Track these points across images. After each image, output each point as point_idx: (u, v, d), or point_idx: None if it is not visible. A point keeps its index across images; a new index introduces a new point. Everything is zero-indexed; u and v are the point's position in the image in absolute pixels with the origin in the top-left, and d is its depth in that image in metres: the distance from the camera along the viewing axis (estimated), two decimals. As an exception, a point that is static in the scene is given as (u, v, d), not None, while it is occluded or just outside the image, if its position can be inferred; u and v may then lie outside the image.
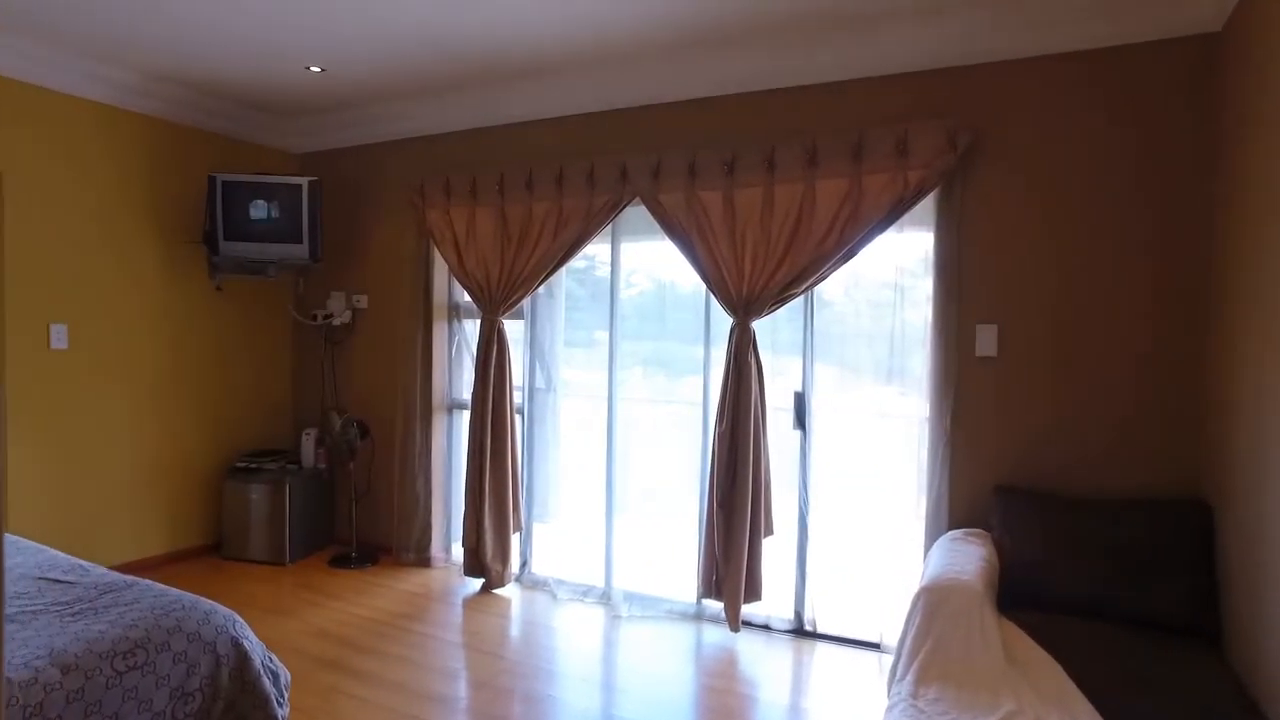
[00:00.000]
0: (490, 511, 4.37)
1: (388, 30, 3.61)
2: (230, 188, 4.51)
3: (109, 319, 4.42)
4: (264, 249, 4.56)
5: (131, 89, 4.35)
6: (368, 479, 5.04)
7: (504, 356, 4.38)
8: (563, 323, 4.50)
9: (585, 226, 4.08)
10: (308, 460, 5.06)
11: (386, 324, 4.97)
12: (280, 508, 4.74)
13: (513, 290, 4.31)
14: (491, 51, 3.84)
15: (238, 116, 4.88)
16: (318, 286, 5.24)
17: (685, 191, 3.79)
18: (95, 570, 2.59)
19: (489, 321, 4.38)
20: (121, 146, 4.42)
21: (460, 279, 4.50)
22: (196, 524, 4.91)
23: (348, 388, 5.16)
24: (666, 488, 4.19)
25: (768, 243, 3.60)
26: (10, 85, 3.98)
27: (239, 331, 5.09)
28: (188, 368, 4.81)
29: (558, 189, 4.16)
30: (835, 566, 3.74)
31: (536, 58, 3.91)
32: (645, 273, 4.21)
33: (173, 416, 4.75)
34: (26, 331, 4.10)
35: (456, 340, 4.86)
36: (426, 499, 4.76)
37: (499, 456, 4.36)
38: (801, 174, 3.53)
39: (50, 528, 4.21)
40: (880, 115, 3.45)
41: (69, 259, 4.24)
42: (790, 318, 3.76)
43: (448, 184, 4.50)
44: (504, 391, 4.36)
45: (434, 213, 4.56)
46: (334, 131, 5.09)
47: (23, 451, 4.10)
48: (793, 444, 3.77)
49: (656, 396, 4.20)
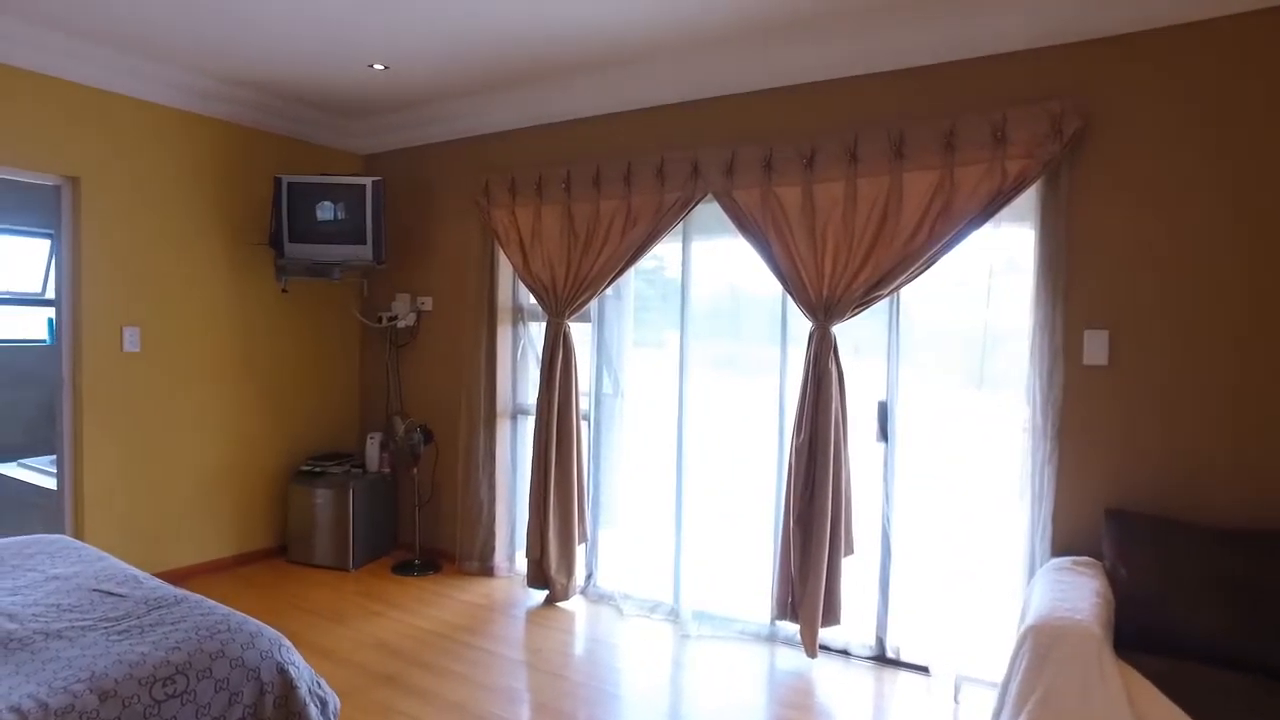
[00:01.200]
0: (555, 522, 4.22)
1: (453, 26, 3.49)
2: (295, 189, 4.46)
3: (179, 322, 4.41)
4: (328, 250, 4.50)
5: (200, 93, 4.34)
6: (431, 485, 4.95)
7: (570, 361, 4.22)
8: (631, 326, 4.32)
9: (655, 225, 3.89)
10: (372, 464, 4.99)
11: (451, 327, 4.87)
12: (344, 512, 4.68)
13: (579, 292, 4.14)
14: (560, 44, 3.68)
15: (303, 118, 4.84)
16: (382, 289, 5.18)
17: (761, 187, 3.57)
18: (149, 582, 2.51)
19: (554, 324, 4.22)
20: (190, 150, 4.41)
21: (525, 280, 4.36)
22: (263, 527, 4.89)
23: (412, 391, 5.08)
24: (738, 500, 3.97)
25: (850, 241, 3.36)
26: (87, 92, 3.99)
27: (305, 334, 5.06)
28: (255, 370, 4.79)
29: (626, 186, 3.98)
30: (921, 590, 3.46)
31: (606, 49, 3.74)
32: (718, 273, 3.99)
33: (240, 419, 4.74)
34: (101, 335, 4.11)
35: (521, 344, 4.73)
36: (490, 507, 4.63)
37: (564, 465, 4.20)
38: (887, 166, 3.27)
39: (123, 530, 4.22)
40: (975, 101, 3.17)
41: (141, 262, 4.25)
42: (873, 321, 3.50)
43: (513, 182, 4.37)
44: (569, 397, 4.20)
45: (499, 212, 4.44)
46: (398, 131, 5.01)
47: (97, 454, 4.11)
48: (875, 456, 3.51)
49: (728, 404, 3.98)
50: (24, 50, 3.73)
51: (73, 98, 3.95)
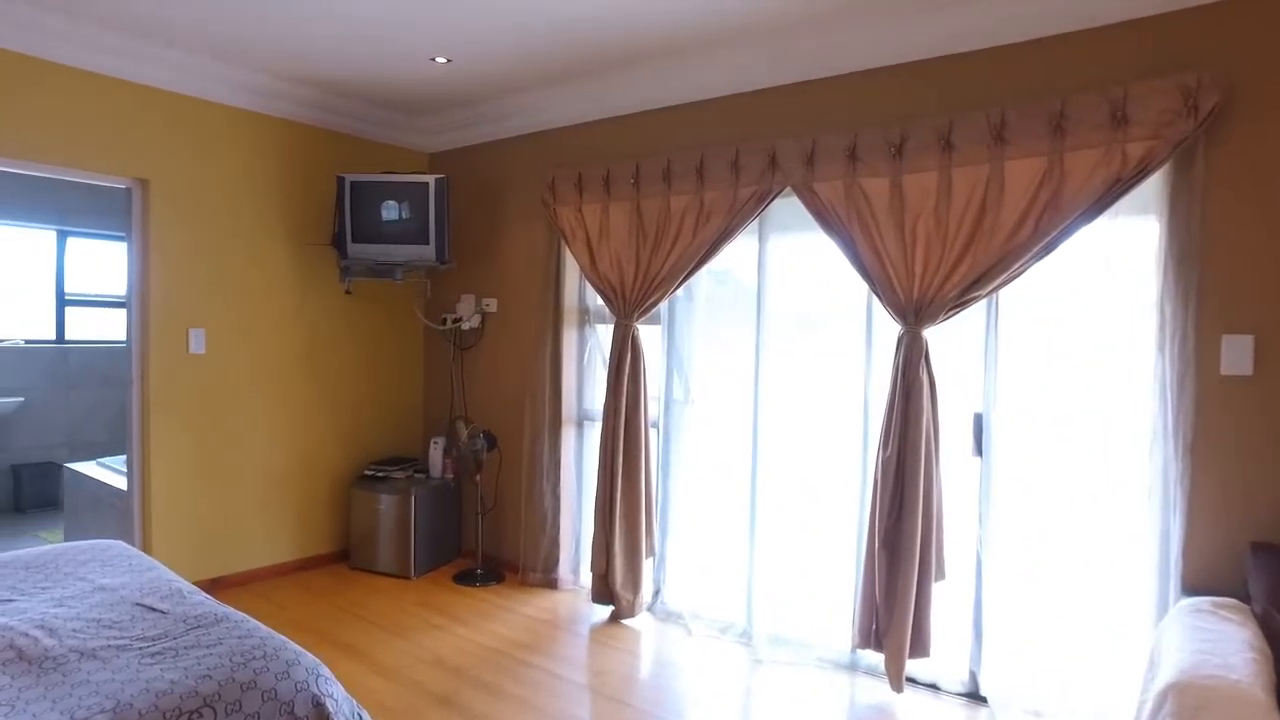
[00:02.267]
0: (621, 534, 4.01)
1: (516, 15, 3.31)
2: (358, 188, 4.36)
3: (243, 323, 4.36)
4: (391, 251, 4.39)
5: (263, 92, 4.28)
6: (495, 492, 4.80)
7: (638, 365, 4.00)
8: (703, 328, 4.08)
9: (729, 221, 3.65)
10: (435, 470, 4.87)
11: (515, 329, 4.71)
12: (406, 519, 4.56)
13: (648, 293, 3.92)
14: (629, 31, 3.47)
15: (367, 116, 4.75)
16: (446, 290, 5.05)
17: (844, 179, 3.29)
18: (192, 597, 2.39)
19: (622, 327, 4.01)
20: (254, 150, 4.36)
21: (592, 281, 4.17)
22: (325, 531, 4.82)
23: (475, 395, 4.94)
24: (817, 516, 3.68)
25: (944, 237, 3.05)
26: (153, 94, 3.96)
27: (369, 336, 4.97)
28: (318, 372, 4.72)
29: (698, 180, 3.74)
30: (1020, 623, 3.12)
31: (678, 35, 3.51)
32: (796, 273, 3.72)
33: (303, 422, 4.67)
34: (167, 336, 4.08)
35: (588, 347, 4.54)
36: (554, 517, 4.45)
37: (631, 474, 3.99)
38: (986, 154, 2.95)
39: (187, 532, 4.18)
40: (1089, 77, 2.83)
41: (207, 264, 4.21)
42: (968, 325, 3.18)
43: (580, 179, 4.18)
44: (638, 403, 3.98)
45: (565, 210, 4.25)
46: (463, 129, 4.88)
47: (163, 456, 4.08)
48: (969, 473, 3.19)
49: (807, 413, 3.70)
50: (94, 54, 3.71)
51: (140, 100, 3.93)
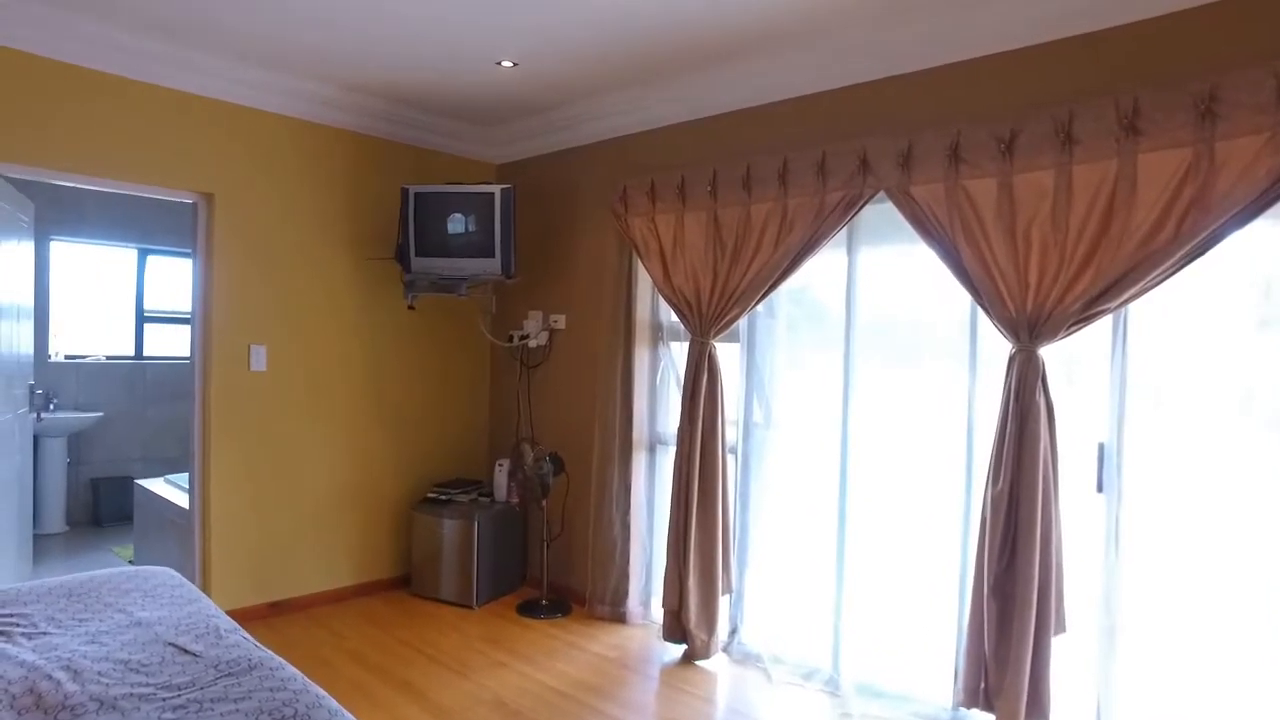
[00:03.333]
0: (696, 568, 3.71)
1: (586, 14, 3.11)
2: (422, 200, 4.21)
3: (304, 340, 4.25)
4: (456, 264, 4.22)
5: (325, 101, 4.17)
6: (561, 519, 4.56)
7: (715, 386, 3.72)
8: (786, 347, 3.78)
9: (815, 230, 3.35)
10: (500, 494, 4.67)
11: (584, 347, 4.48)
12: (469, 545, 4.35)
13: (726, 308, 3.65)
14: (706, 28, 3.23)
15: (432, 126, 4.61)
16: (513, 305, 4.87)
17: (945, 181, 2.96)
18: (230, 637, 2.20)
19: (698, 345, 3.74)
20: (316, 162, 4.26)
21: (666, 295, 3.91)
22: (386, 555, 4.65)
23: (542, 416, 4.73)
24: (914, 554, 3.33)
25: (1063, 243, 2.70)
26: (217, 107, 3.90)
27: (433, 353, 4.81)
28: (381, 390, 4.58)
29: (781, 186, 3.46)
30: (1157, 687, 2.71)
31: (759, 30, 3.25)
32: (890, 287, 3.39)
33: (365, 441, 4.53)
34: (229, 353, 3.99)
35: (661, 366, 4.27)
36: (623, 546, 4.19)
37: (708, 504, 3.70)
38: (1114, 147, 2.59)
39: (245, 554, 4.07)
40: (1245, 51, 2.45)
41: (269, 279, 4.11)
42: (1090, 341, 2.81)
43: (653, 187, 3.94)
44: (715, 427, 3.70)
45: (637, 220, 4.02)
46: (531, 138, 4.71)
47: (223, 475, 3.98)
48: (1094, 512, 2.80)
49: (902, 439, 3.36)
50: (158, 67, 3.67)
51: (204, 113, 3.86)
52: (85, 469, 6.19)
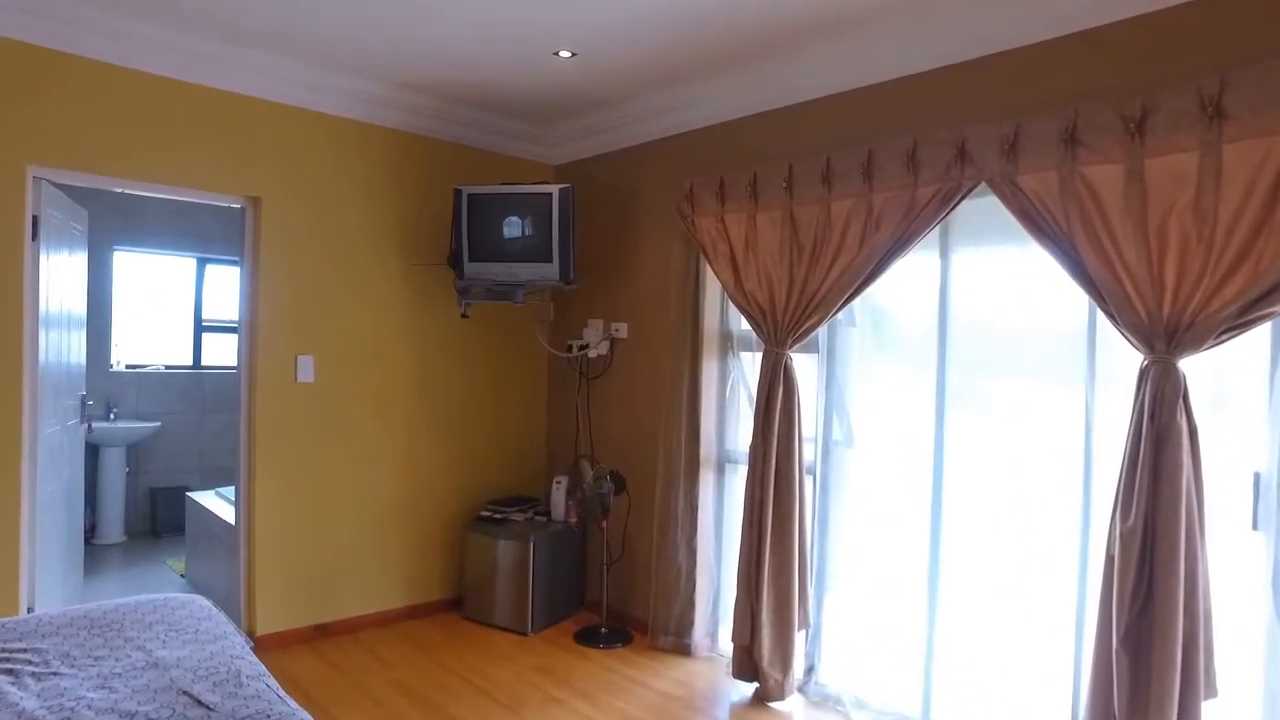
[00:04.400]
0: (770, 600, 3.38)
1: (649, -18, 2.84)
2: (476, 201, 3.97)
3: (354, 350, 4.05)
4: (511, 270, 3.97)
5: (374, 100, 3.98)
6: (622, 541, 4.26)
7: (791, 400, 3.39)
8: (870, 358, 3.43)
9: (905, 228, 3.00)
10: (557, 513, 4.39)
11: (648, 357, 4.19)
12: (524, 566, 4.09)
13: (804, 315, 3.32)
14: (782, 6, 2.92)
15: (486, 125, 4.38)
16: (572, 313, 4.60)
17: (1059, 169, 2.59)
18: (250, 685, 1.96)
19: (773, 355, 3.42)
20: (364, 163, 4.06)
21: (737, 302, 3.60)
22: (438, 576, 4.42)
23: (603, 431, 4.45)
24: (1019, 590, 2.94)
25: (1210, 237, 2.30)
26: (261, 106, 3.74)
27: (487, 364, 4.57)
28: (432, 403, 4.36)
29: (865, 180, 3.12)
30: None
31: (843, 6, 2.93)
32: (991, 290, 3.02)
33: (416, 456, 4.31)
34: (275, 363, 3.81)
35: (730, 378, 3.95)
36: (689, 573, 3.87)
37: (783, 529, 3.36)
38: (1276, 121, 2.19)
39: (289, 572, 3.88)
40: None
41: (316, 286, 3.93)
42: (1242, 353, 2.41)
43: (721, 185, 3.63)
44: (791, 445, 3.36)
45: (705, 221, 3.71)
46: (590, 136, 4.45)
47: (268, 490, 3.81)
48: (1249, 553, 2.39)
49: (1005, 463, 2.98)
50: (206, 66, 3.53)
51: (252, 114, 3.71)
52: (144, 479, 6.14)
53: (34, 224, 3.38)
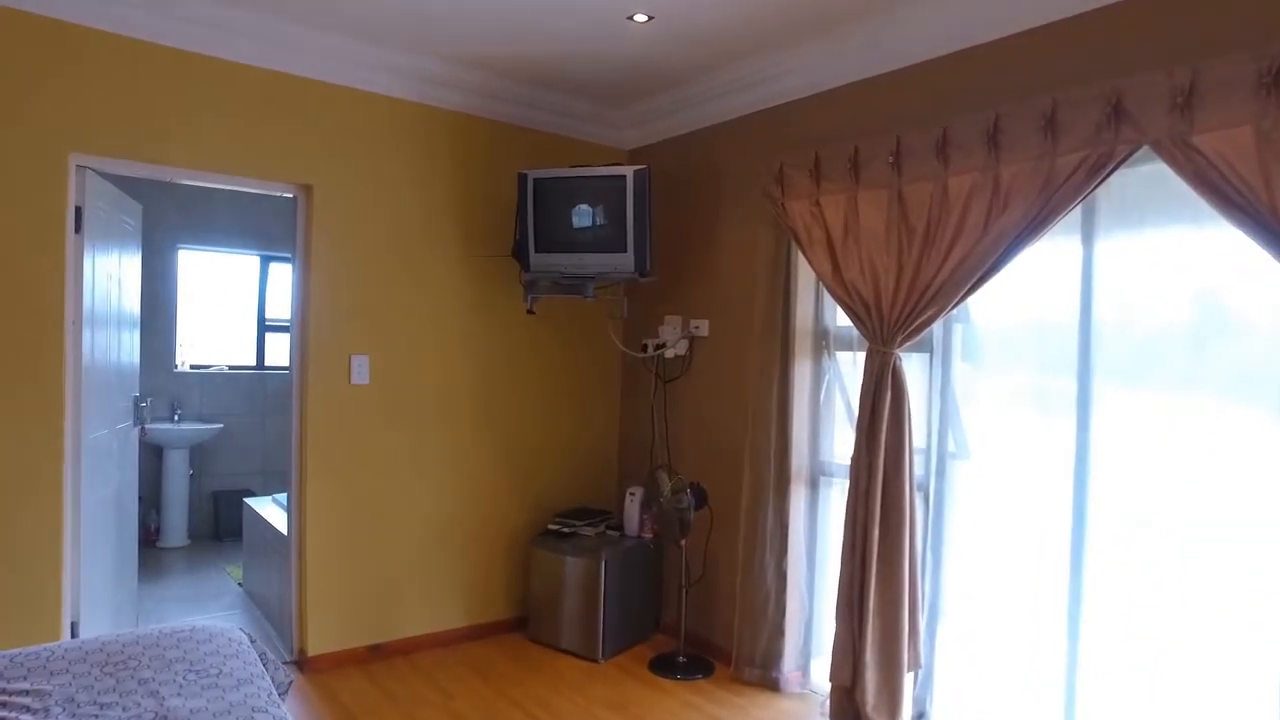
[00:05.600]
0: (875, 636, 2.95)
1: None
2: (543, 187, 3.63)
3: (411, 350, 3.76)
4: (582, 261, 3.61)
5: (433, 79, 3.67)
6: (703, 560, 3.87)
7: (900, 407, 2.95)
8: (992, 359, 2.97)
9: (1040, 206, 2.54)
10: (631, 527, 4.03)
11: (732, 357, 3.79)
12: (595, 586, 3.73)
13: (916, 309, 2.88)
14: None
15: (549, 105, 4.03)
16: (647, 309, 4.22)
17: (1255, 122, 2.10)
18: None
19: (878, 356, 2.99)
20: (423, 148, 3.76)
21: (836, 294, 3.18)
22: (501, 593, 4.10)
23: (681, 439, 4.06)
24: (1193, 636, 2.45)
25: None
26: (311, 87, 3.47)
27: (555, 364, 4.23)
28: (495, 406, 4.03)
29: (990, 150, 2.66)
30: None
31: (968, -59, 2.49)
32: (1150, 281, 2.53)
33: (478, 464, 3.99)
34: (328, 364, 3.54)
35: (826, 381, 3.53)
36: (778, 598, 3.46)
37: (891, 555, 2.93)
38: None
39: (343, 588, 3.60)
40: None
41: (372, 281, 3.65)
42: None
43: (816, 163, 3.22)
44: (900, 458, 2.93)
45: (797, 204, 3.30)
46: (667, 116, 4.07)
47: (320, 499, 3.55)
48: None
49: (1173, 483, 2.49)
50: (255, 45, 3.28)
51: (303, 95, 3.44)
52: (207, 481, 6.01)
53: (77, 215, 3.17)
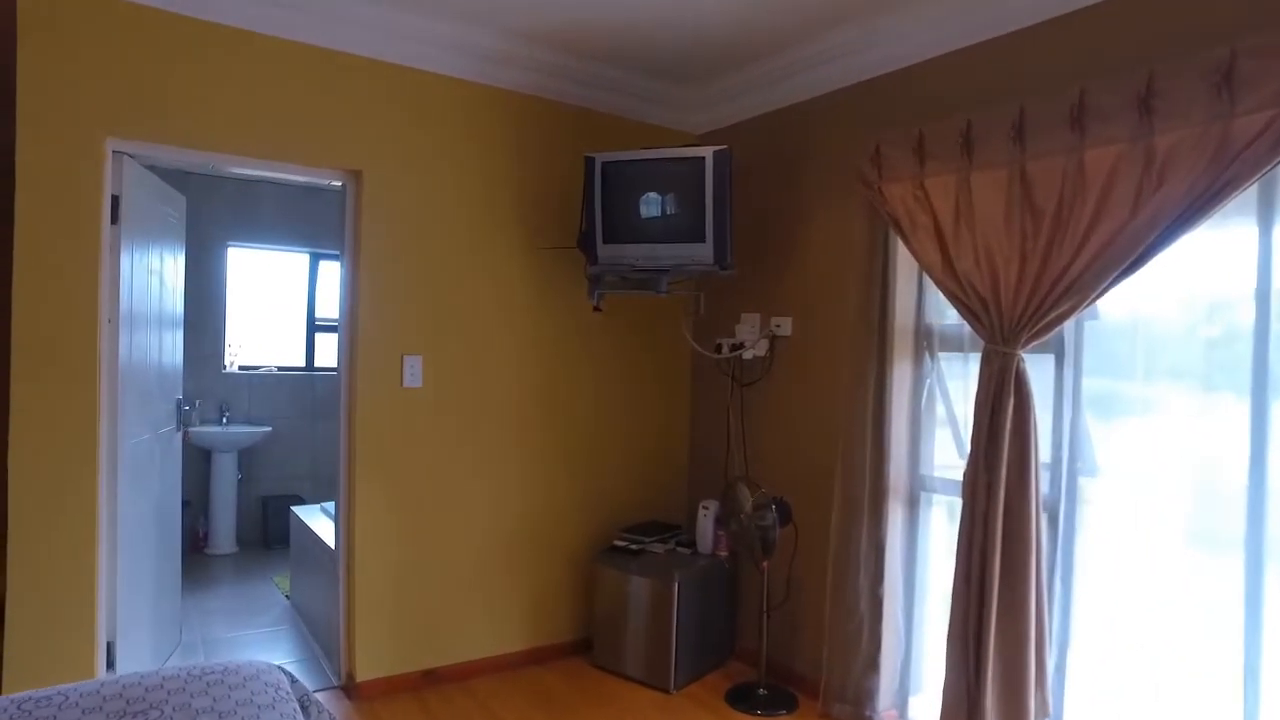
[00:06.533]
0: (995, 679, 2.57)
1: None
2: (612, 171, 3.31)
3: (468, 350, 3.48)
4: (655, 252, 3.28)
5: (491, 56, 3.38)
6: (787, 582, 3.51)
7: (1025, 416, 2.56)
8: (1136, 362, 2.57)
9: (1210, 180, 2.14)
10: (704, 543, 3.69)
11: (818, 359, 3.44)
12: (666, 608, 3.41)
13: (1045, 305, 2.49)
14: None
15: (615, 84, 3.70)
16: (724, 306, 3.87)
17: None
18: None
19: (999, 358, 2.60)
20: (480, 131, 3.48)
21: (946, 288, 2.80)
22: (563, 614, 3.79)
23: (760, 448, 3.71)
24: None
25: None
26: (365, 66, 3.19)
27: (623, 366, 3.92)
28: (557, 411, 3.73)
29: (1142, 116, 2.27)
30: None
31: None
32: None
33: (540, 473, 3.70)
34: (379, 365, 3.27)
35: (927, 386, 3.15)
36: (872, 627, 3.10)
37: (1015, 586, 2.54)
38: None
39: (394, 607, 3.34)
40: None
41: (425, 274, 3.37)
42: None
43: (920, 140, 2.85)
44: (1025, 476, 2.54)
45: (897, 187, 2.93)
46: (740, 95, 3.74)
47: (369, 511, 3.29)
48: None
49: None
50: (300, 18, 3.01)
51: (350, 74, 3.19)
52: (255, 486, 5.83)
53: (114, 205, 2.94)
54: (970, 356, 2.88)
